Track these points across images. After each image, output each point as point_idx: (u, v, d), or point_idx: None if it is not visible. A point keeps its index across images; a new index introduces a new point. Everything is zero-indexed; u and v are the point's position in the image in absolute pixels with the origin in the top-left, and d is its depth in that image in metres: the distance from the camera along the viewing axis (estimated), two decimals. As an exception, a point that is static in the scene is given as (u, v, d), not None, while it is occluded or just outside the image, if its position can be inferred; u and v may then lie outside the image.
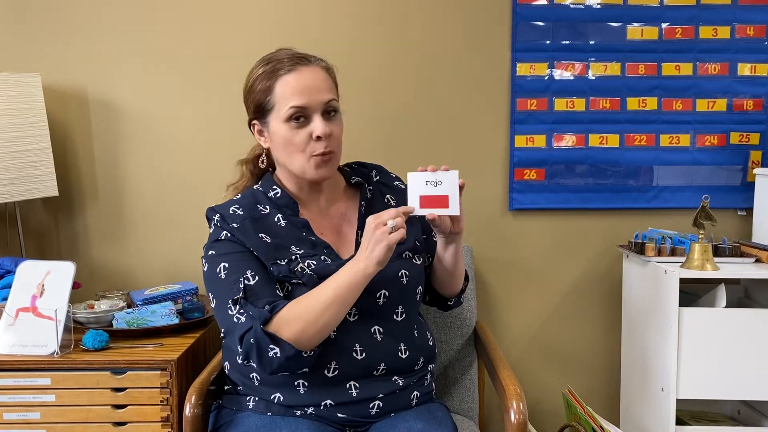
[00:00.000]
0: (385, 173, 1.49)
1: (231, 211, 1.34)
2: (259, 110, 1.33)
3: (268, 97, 1.30)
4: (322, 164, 1.31)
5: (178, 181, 2.00)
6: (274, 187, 1.38)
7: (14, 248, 1.97)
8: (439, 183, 1.24)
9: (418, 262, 1.40)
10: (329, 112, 1.31)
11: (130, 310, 1.65)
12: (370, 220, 1.20)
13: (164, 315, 1.63)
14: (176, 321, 1.63)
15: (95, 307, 1.70)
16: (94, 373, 1.45)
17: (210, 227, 1.36)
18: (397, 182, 1.49)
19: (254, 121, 1.36)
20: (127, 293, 1.86)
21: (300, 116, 1.28)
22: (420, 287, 1.39)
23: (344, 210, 1.42)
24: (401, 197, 1.45)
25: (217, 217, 1.34)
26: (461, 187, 1.25)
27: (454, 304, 1.53)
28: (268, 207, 1.36)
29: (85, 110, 1.98)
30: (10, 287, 1.55)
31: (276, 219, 1.34)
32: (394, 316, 1.34)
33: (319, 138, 1.28)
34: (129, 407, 1.46)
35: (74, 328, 1.53)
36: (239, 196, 1.40)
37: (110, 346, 1.52)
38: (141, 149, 1.99)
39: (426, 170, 1.24)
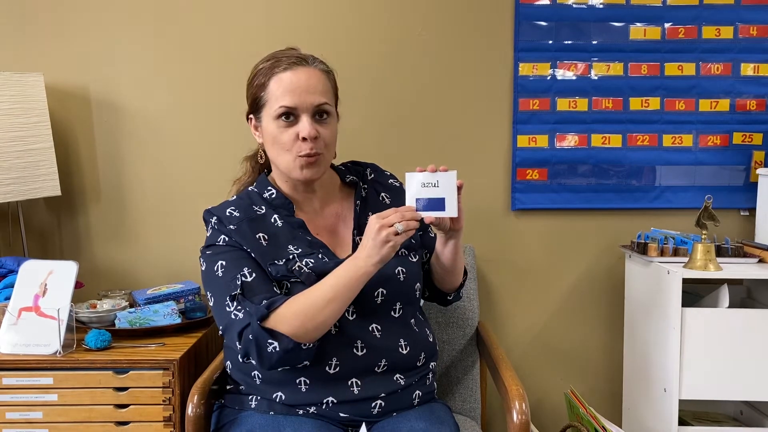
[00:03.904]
0: (379, 172, 1.49)
1: (227, 213, 1.34)
2: (254, 105, 1.36)
3: (262, 93, 1.32)
4: (307, 166, 1.31)
5: (180, 181, 2.00)
6: (269, 188, 1.38)
7: (17, 248, 1.97)
8: (437, 184, 1.22)
9: (415, 260, 1.39)
10: (321, 114, 1.31)
11: (132, 309, 1.65)
12: (374, 221, 1.20)
13: (166, 314, 1.63)
14: (178, 320, 1.63)
15: (98, 306, 1.70)
16: (97, 373, 1.45)
17: (207, 230, 1.37)
18: (391, 180, 1.49)
19: (250, 116, 1.38)
20: (129, 293, 1.86)
21: (289, 115, 1.29)
22: (418, 284, 1.39)
23: (339, 210, 1.42)
24: (396, 195, 1.45)
25: (214, 219, 1.34)
26: (460, 188, 1.24)
27: (454, 298, 1.53)
28: (263, 207, 1.36)
29: (87, 110, 1.98)
30: (12, 287, 1.55)
31: (272, 219, 1.34)
32: (392, 313, 1.34)
33: (304, 139, 1.29)
34: (131, 407, 1.46)
35: (77, 327, 1.53)
36: (234, 197, 1.40)
37: (112, 346, 1.52)
38: (143, 148, 1.99)
39: (425, 170, 1.23)
